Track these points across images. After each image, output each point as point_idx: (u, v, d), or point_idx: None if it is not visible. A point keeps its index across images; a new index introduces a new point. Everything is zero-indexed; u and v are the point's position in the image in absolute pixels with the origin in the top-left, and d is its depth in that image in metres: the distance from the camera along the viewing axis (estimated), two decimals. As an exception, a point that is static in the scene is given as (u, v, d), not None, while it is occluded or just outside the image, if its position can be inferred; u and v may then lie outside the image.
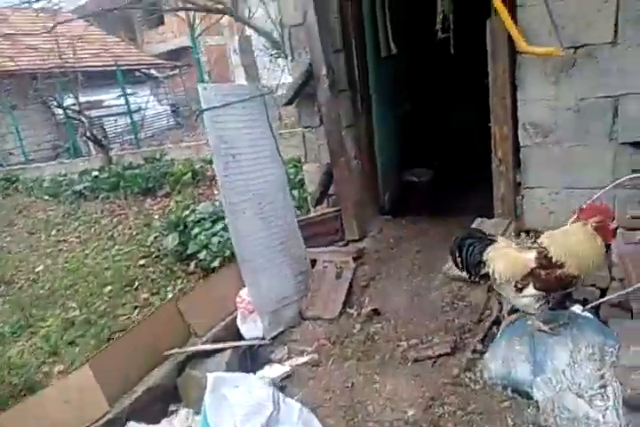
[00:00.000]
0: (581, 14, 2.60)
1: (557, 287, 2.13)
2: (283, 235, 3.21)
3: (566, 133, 2.81)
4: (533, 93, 2.84)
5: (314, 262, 3.43)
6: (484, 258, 2.22)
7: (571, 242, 2.07)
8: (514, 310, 2.69)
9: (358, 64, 3.59)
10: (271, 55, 6.68)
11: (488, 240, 2.26)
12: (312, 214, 3.73)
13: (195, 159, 8.36)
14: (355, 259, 3.35)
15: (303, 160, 3.98)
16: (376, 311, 2.98)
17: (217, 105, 2.74)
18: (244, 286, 3.01)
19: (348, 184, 3.55)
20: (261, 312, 2.94)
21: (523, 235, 2.97)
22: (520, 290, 2.16)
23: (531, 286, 2.13)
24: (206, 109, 2.69)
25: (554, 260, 2.06)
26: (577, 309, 2.43)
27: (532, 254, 2.13)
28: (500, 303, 2.81)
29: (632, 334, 2.09)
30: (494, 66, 2.90)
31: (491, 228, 3.04)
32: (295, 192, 5.23)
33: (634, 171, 2.66)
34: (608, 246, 2.44)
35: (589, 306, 2.39)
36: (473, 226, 3.10)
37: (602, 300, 2.41)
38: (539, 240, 2.18)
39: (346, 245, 3.63)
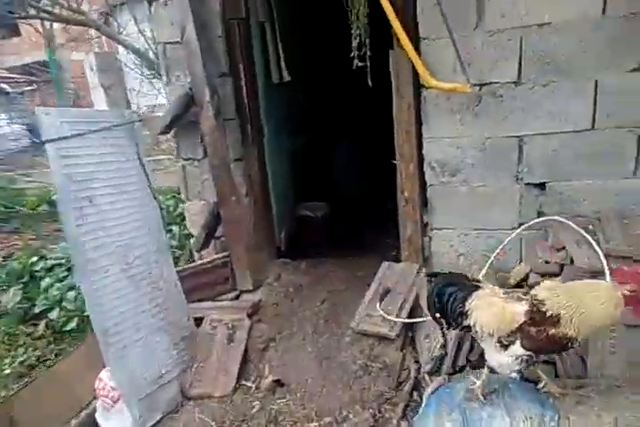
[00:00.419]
0: (487, 51, 2.49)
1: (548, 349, 1.83)
2: (158, 294, 2.58)
3: (473, 173, 2.66)
4: (439, 131, 2.66)
5: (199, 322, 2.84)
6: (467, 308, 1.85)
7: (581, 298, 1.73)
8: (433, 371, 2.41)
9: (248, 90, 3.16)
10: (142, 75, 5.96)
11: (472, 287, 1.89)
12: (196, 262, 3.14)
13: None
14: (250, 315, 2.84)
15: (184, 197, 3.39)
16: (278, 382, 2.49)
17: (66, 135, 2.08)
18: (106, 366, 2.32)
19: (238, 225, 3.05)
20: (129, 400, 2.26)
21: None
22: (505, 347, 1.82)
23: (517, 344, 1.79)
24: (49, 141, 2.02)
25: (548, 315, 1.74)
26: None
27: (523, 307, 1.79)
28: (416, 362, 2.51)
29: (568, 400, 1.89)
30: (399, 100, 2.68)
31: (399, 274, 2.77)
32: (175, 228, 4.56)
33: (540, 213, 2.59)
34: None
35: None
36: (379, 274, 2.79)
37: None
38: (532, 291, 1.85)
39: (238, 297, 3.10)
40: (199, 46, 2.83)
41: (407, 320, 2.44)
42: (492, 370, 1.95)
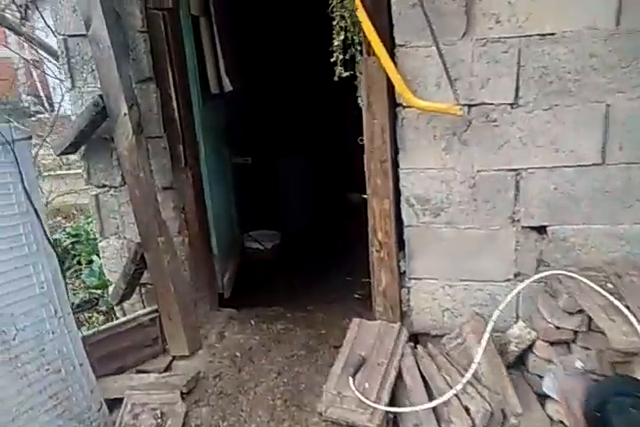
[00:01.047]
0: (477, 65, 2.02)
1: None
2: (54, 379, 1.89)
3: (460, 213, 2.19)
4: (420, 160, 2.17)
5: (117, 404, 2.16)
6: None
7: None
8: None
9: (179, 99, 2.51)
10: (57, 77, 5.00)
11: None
12: (115, 322, 2.44)
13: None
14: (184, 395, 2.19)
15: (98, 234, 2.68)
16: None
17: None
18: None
19: (167, 274, 2.39)
20: None
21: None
22: None
23: None
24: None
25: None
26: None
27: None
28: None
29: None
30: (370, 121, 2.15)
31: (375, 337, 2.24)
32: (97, 259, 3.79)
33: (540, 261, 2.17)
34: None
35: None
36: (349, 336, 2.25)
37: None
38: None
39: (170, 364, 2.44)
40: (111, 42, 2.15)
41: (394, 409, 1.91)
42: None
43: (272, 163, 4.23)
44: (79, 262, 3.88)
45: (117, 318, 2.84)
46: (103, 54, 2.18)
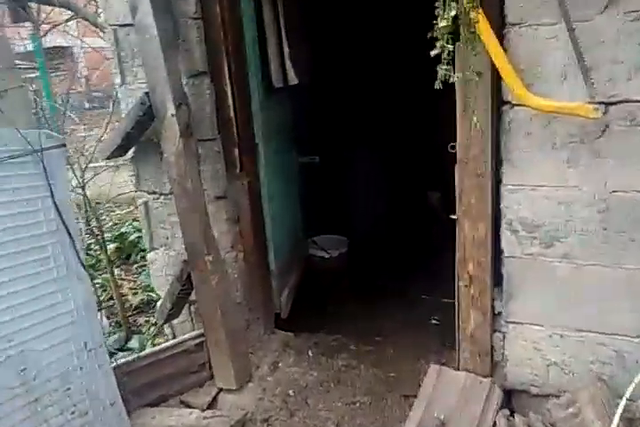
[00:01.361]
0: (623, 49, 1.48)
1: None
2: (79, 424, 1.65)
3: (583, 244, 1.66)
4: (530, 175, 1.67)
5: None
6: None
7: None
8: None
9: (235, 97, 2.18)
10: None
11: None
12: (156, 348, 2.20)
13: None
14: (227, 442, 1.90)
15: (147, 244, 2.44)
16: None
17: None
18: None
19: (216, 295, 2.09)
20: None
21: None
22: None
23: None
24: None
25: None
26: None
27: None
28: None
29: None
30: (466, 124, 1.68)
31: (459, 393, 1.80)
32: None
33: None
34: None
35: None
36: (425, 389, 1.82)
37: None
38: None
39: (215, 398, 2.16)
40: (157, 31, 1.85)
41: None
42: None
43: (341, 160, 3.82)
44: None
45: (166, 335, 2.64)
46: (149, 45, 1.88)
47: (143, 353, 2.13)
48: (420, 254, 3.51)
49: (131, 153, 2.26)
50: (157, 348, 2.18)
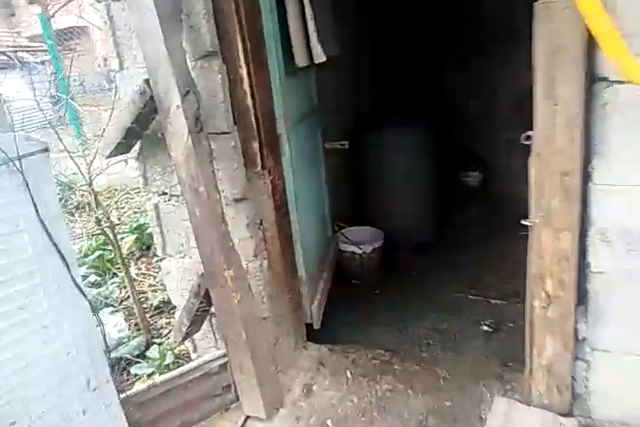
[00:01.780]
0: None
1: None
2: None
3: (702, 259, 1.31)
4: (632, 173, 1.30)
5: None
6: None
7: None
8: None
9: (253, 81, 1.83)
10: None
11: None
12: (176, 371, 1.93)
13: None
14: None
15: (159, 250, 2.17)
16: None
17: None
18: None
19: (239, 316, 1.80)
20: None
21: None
22: None
23: None
24: None
25: None
26: None
27: None
28: None
29: None
30: (549, 109, 1.30)
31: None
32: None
33: None
34: None
35: None
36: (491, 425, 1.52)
37: None
38: None
39: (244, 424, 1.91)
40: (155, 4, 1.50)
41: None
42: None
43: (372, 141, 3.43)
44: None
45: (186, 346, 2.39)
46: (145, 23, 1.54)
47: (159, 380, 1.88)
48: (460, 246, 3.17)
49: (136, 149, 1.96)
50: (175, 372, 1.92)
